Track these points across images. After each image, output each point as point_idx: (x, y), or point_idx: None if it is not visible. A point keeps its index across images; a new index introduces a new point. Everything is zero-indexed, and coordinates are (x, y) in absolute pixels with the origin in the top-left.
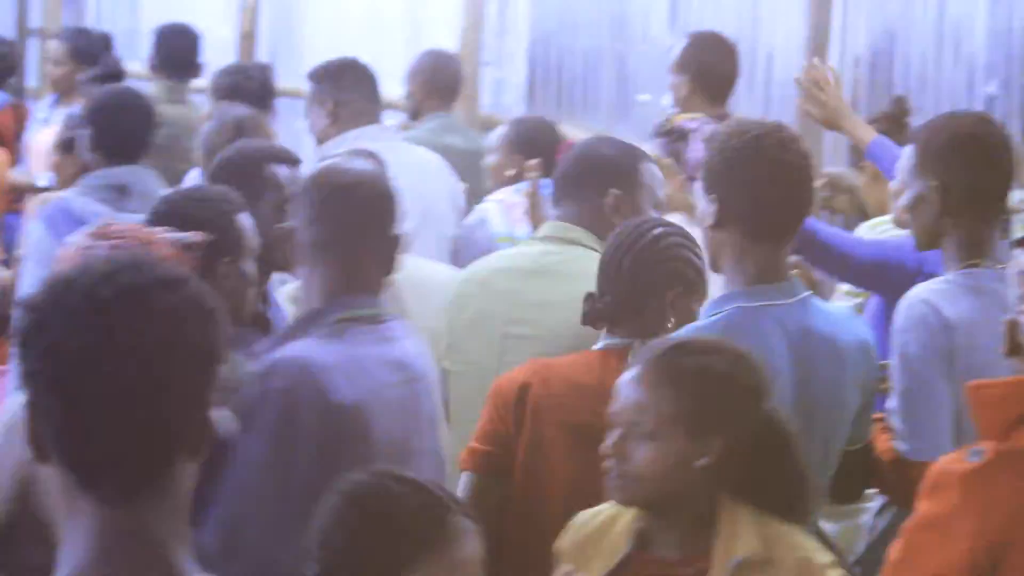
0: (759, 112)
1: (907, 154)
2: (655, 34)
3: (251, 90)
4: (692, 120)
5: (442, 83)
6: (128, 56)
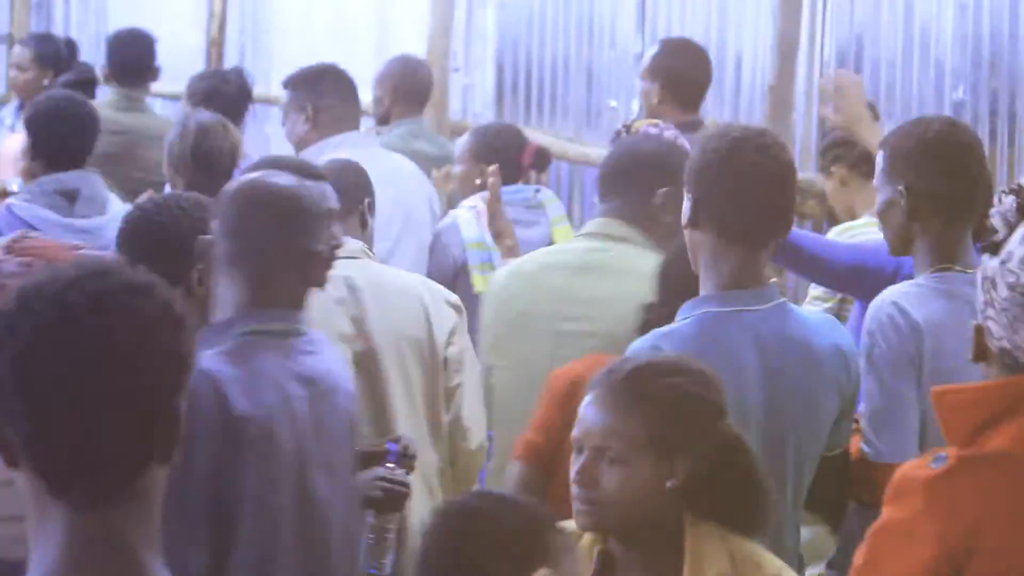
0: (727, 117)
1: (878, 159)
2: (623, 40)
3: (228, 95)
4: (653, 126)
5: (411, 89)
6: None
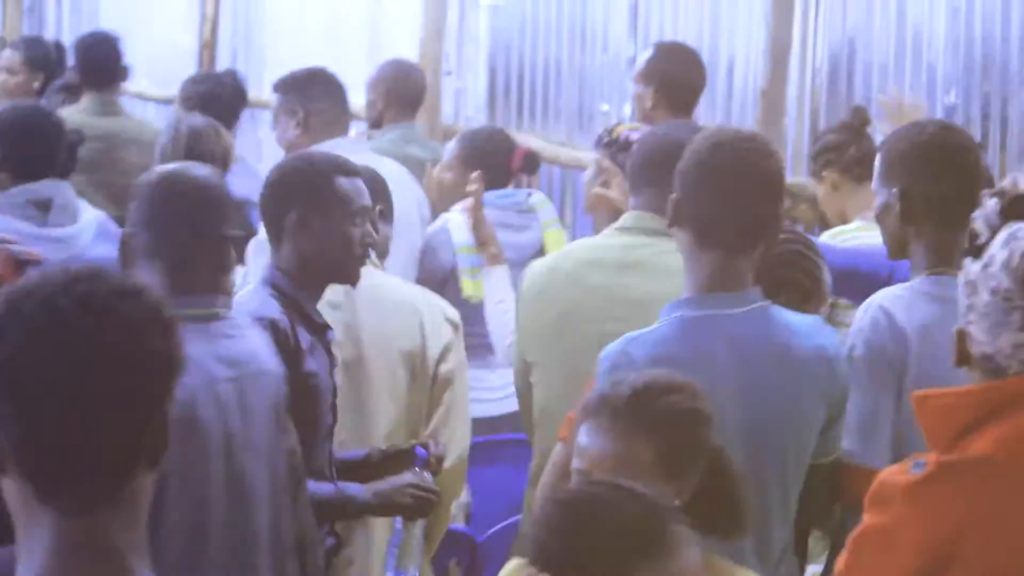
0: (719, 121)
1: (876, 163)
2: (615, 44)
3: (224, 98)
4: (636, 130)
5: (404, 93)
6: None
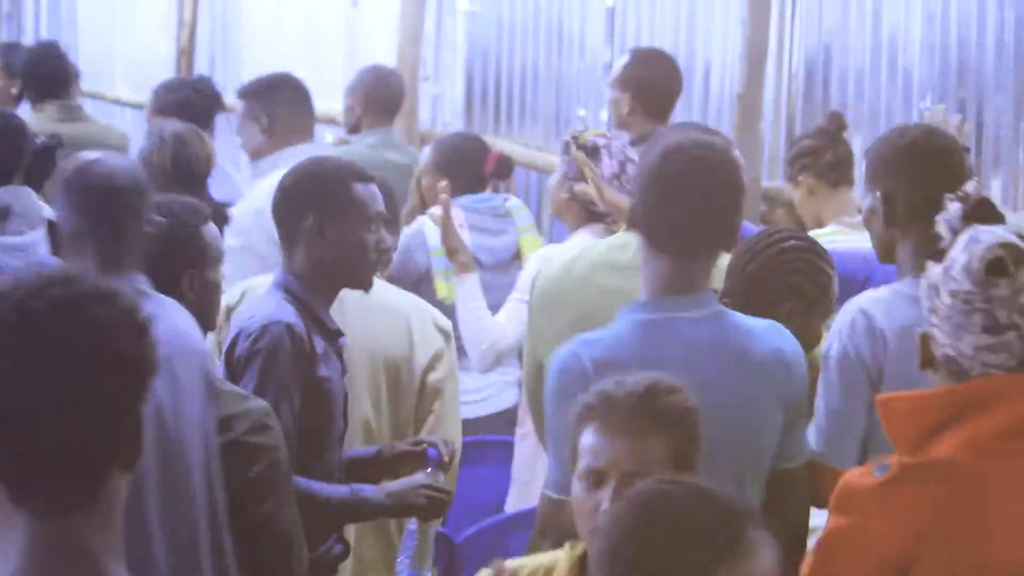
0: None
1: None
2: (592, 49)
3: (200, 105)
4: (602, 136)
5: (382, 99)
6: None
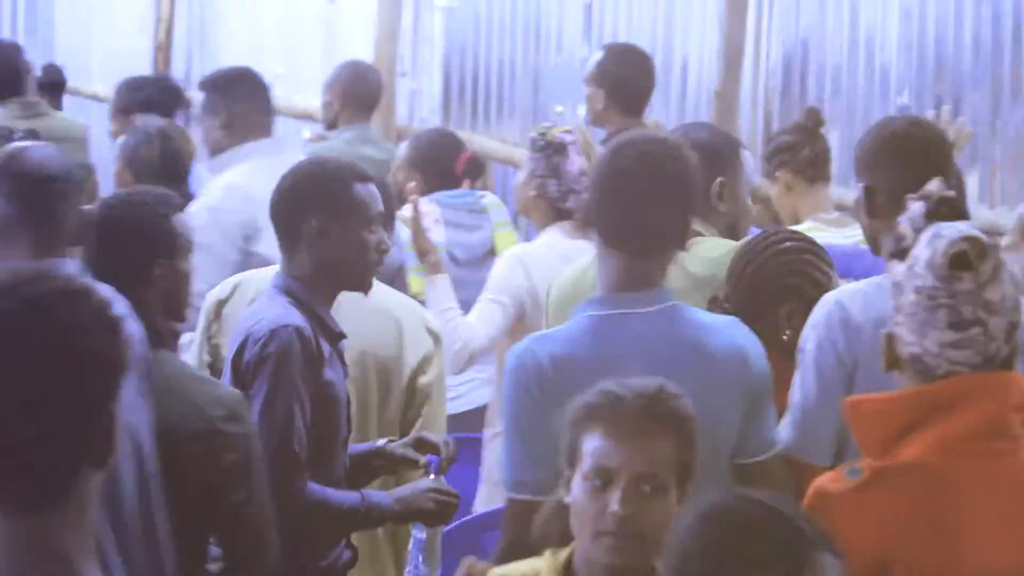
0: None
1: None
2: (570, 45)
3: (164, 103)
4: (569, 133)
5: (360, 94)
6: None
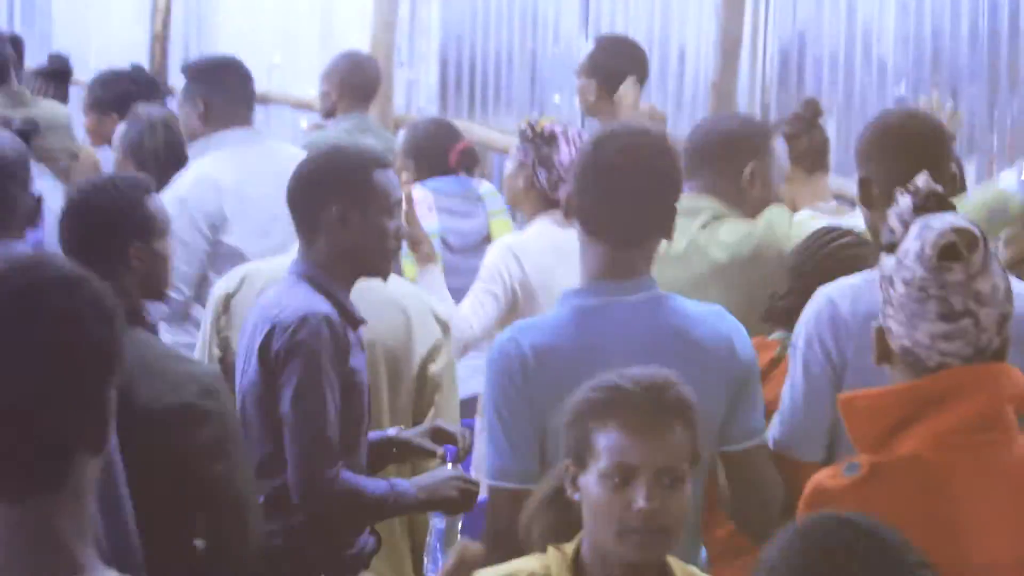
0: (670, 113)
1: None
2: (567, 35)
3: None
4: (558, 124)
5: (358, 84)
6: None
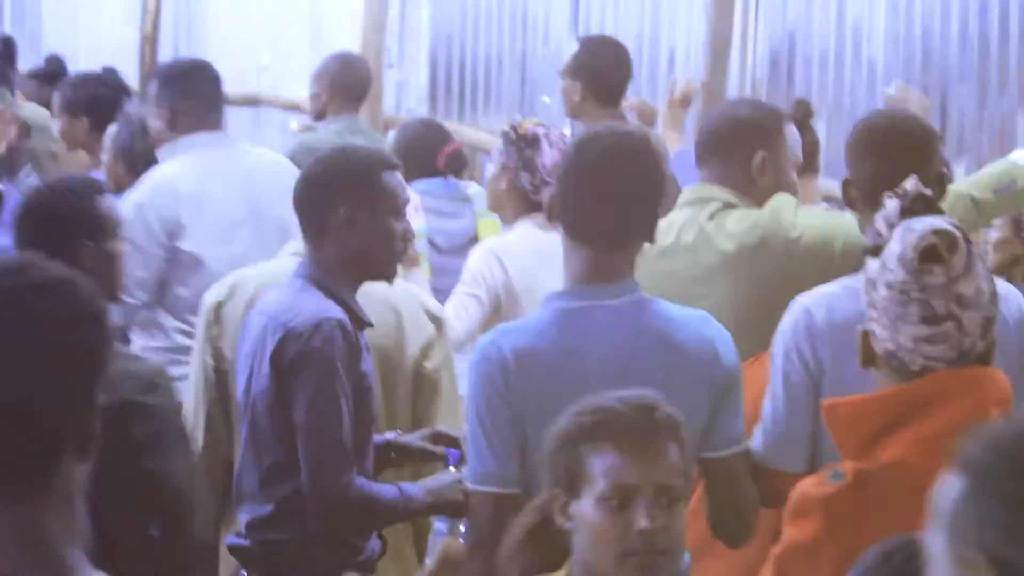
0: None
1: None
2: (556, 36)
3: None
4: (541, 126)
5: (348, 86)
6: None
